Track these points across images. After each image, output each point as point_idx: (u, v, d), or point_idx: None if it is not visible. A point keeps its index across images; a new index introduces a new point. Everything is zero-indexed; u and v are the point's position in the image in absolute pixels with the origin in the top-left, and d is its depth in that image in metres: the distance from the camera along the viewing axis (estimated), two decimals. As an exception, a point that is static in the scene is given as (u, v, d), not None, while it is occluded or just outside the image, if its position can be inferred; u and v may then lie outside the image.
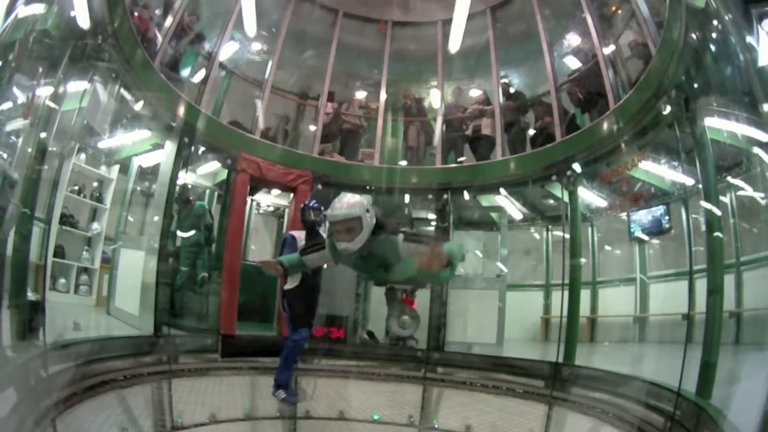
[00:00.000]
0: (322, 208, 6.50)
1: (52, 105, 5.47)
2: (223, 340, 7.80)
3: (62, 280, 7.63)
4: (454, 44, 9.44)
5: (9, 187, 4.41)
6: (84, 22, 5.85)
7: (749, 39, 4.31)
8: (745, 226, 6.82)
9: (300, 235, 6.55)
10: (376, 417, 6.30)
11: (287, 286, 6.41)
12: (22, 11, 4.89)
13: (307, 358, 7.89)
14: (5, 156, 4.79)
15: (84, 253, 8.12)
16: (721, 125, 5.65)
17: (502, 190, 9.42)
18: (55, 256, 7.20)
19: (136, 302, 7.45)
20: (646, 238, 9.02)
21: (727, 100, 5.40)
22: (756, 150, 5.13)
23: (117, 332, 6.97)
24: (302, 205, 6.71)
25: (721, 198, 6.47)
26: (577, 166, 8.12)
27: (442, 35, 10.14)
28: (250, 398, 6.64)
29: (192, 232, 8.68)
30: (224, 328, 7.91)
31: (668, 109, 6.54)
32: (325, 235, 6.28)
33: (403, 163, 10.25)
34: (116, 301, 7.89)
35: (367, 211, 3.81)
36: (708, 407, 4.80)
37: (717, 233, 5.87)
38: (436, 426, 6.48)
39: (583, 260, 8.35)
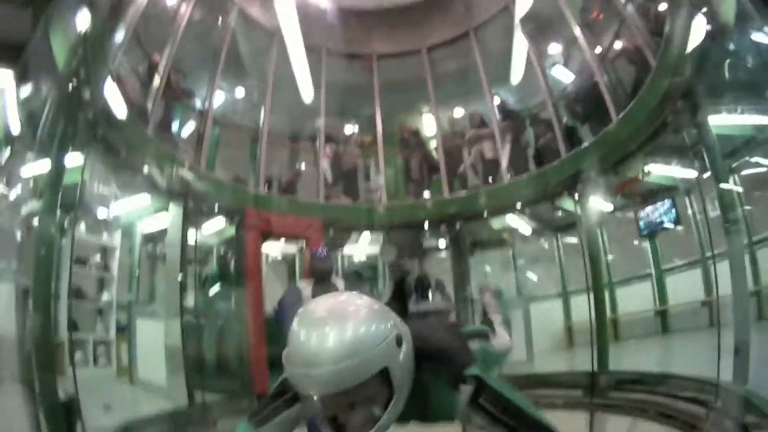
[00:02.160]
0: (332, 254, 6.52)
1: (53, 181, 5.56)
2: (258, 399, 7.45)
3: (79, 355, 7.34)
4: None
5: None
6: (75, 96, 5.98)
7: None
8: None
9: (305, 287, 5.98)
10: None
11: None
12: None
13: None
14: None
15: (97, 324, 7.99)
16: (727, 120, 5.99)
17: (513, 210, 9.60)
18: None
19: (162, 371, 7.47)
20: (657, 232, 9.19)
21: (733, 97, 5.71)
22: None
23: (149, 406, 6.93)
24: (314, 253, 6.35)
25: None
26: (586, 180, 8.26)
27: (429, 63, 10.29)
28: None
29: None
30: (258, 387, 7.75)
31: (674, 115, 6.76)
32: (338, 283, 6.30)
33: (410, 197, 10.28)
34: (140, 371, 7.77)
35: (398, 341, 1.62)
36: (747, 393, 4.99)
37: (733, 215, 6.03)
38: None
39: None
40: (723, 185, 6.23)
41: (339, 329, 1.49)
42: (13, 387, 4.73)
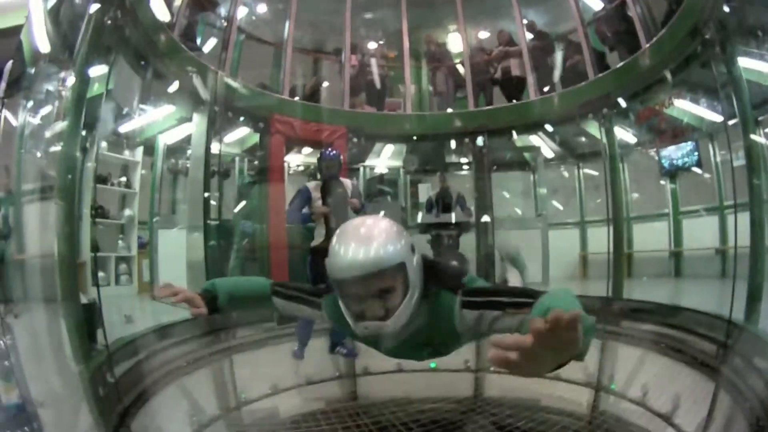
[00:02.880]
0: (342, 156, 6.51)
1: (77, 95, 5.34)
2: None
3: (101, 274, 7.42)
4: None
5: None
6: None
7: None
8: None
9: (315, 188, 6.23)
10: (432, 366, 6.59)
11: (314, 243, 6.11)
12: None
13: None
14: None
15: (119, 242, 8.15)
16: (758, 65, 5.90)
17: (537, 129, 9.68)
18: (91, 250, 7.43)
19: (183, 283, 7.17)
20: (676, 172, 9.33)
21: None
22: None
23: (168, 318, 6.79)
24: (322, 153, 6.44)
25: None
26: (612, 104, 8.29)
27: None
28: (310, 362, 6.57)
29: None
30: None
31: (703, 48, 6.68)
32: (347, 186, 6.36)
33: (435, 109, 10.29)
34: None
35: (413, 249, 2.19)
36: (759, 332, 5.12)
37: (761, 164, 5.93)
38: (491, 369, 6.78)
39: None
40: (751, 136, 6.10)
41: (371, 236, 2.06)
42: (38, 306, 4.87)
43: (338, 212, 6.09)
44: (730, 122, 6.68)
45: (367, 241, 2.05)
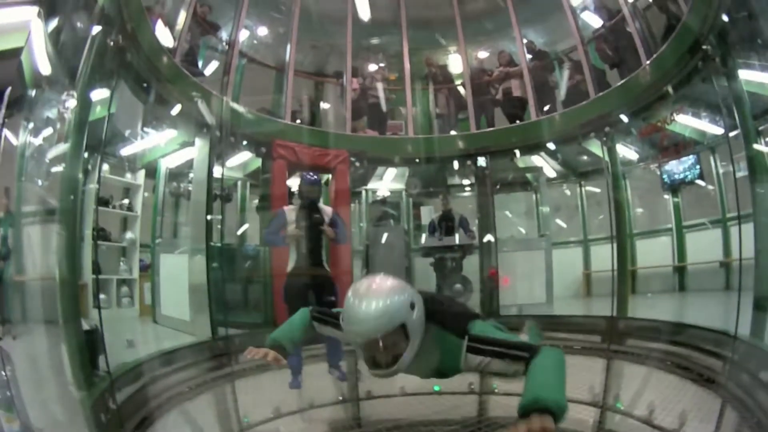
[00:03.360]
0: (320, 180, 6.60)
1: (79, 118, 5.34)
2: None
3: (103, 296, 7.41)
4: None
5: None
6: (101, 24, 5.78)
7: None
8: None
9: (291, 211, 6.22)
10: (436, 389, 6.53)
11: (287, 269, 6.11)
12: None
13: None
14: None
15: (121, 264, 8.16)
16: (760, 78, 5.92)
17: (539, 149, 9.65)
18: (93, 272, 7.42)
19: (186, 307, 7.55)
20: (678, 187, 9.31)
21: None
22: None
23: (171, 342, 6.98)
24: (302, 177, 6.48)
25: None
26: (614, 123, 8.30)
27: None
28: (312, 386, 6.45)
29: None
30: (280, 320, 7.72)
31: (704, 63, 6.68)
32: (326, 212, 6.39)
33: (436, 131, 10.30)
34: (162, 309, 7.90)
35: (412, 306, 2.59)
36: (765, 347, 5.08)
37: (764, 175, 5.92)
38: (496, 391, 6.73)
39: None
40: (754, 146, 6.10)
41: (375, 302, 2.48)
42: (38, 328, 4.84)
43: (312, 238, 6.11)
44: (732, 134, 6.70)
45: (368, 309, 2.49)
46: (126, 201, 8.35)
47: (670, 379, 5.89)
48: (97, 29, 5.57)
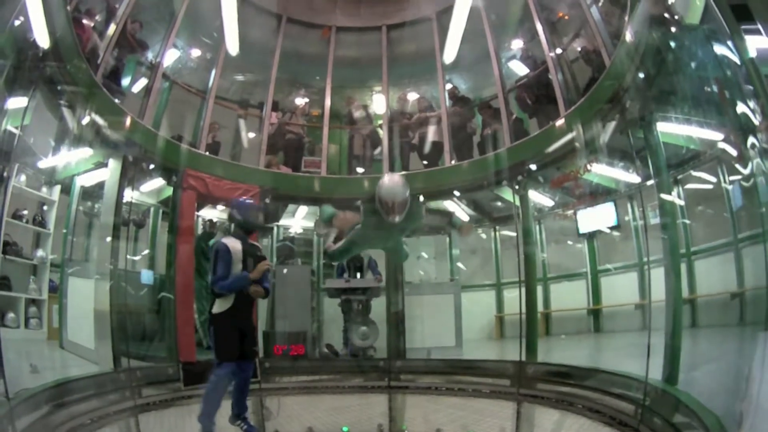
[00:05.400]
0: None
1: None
2: (183, 368, 7.43)
3: (11, 315, 7.19)
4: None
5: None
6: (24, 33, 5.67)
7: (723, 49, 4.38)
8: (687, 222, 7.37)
9: (234, 245, 5.31)
10: (345, 430, 6.37)
11: (216, 309, 5.31)
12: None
13: (269, 378, 7.95)
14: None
15: (31, 282, 7.70)
16: (674, 129, 6.13)
17: (452, 195, 9.61)
18: (1, 289, 7.02)
19: (91, 334, 7.21)
20: (594, 233, 9.59)
21: (684, 106, 5.82)
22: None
23: (76, 371, 6.62)
24: (243, 203, 5.89)
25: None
26: (527, 171, 8.38)
27: (387, 40, 10.34)
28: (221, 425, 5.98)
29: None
30: (183, 356, 7.65)
31: (621, 116, 6.85)
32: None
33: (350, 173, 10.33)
34: (69, 334, 7.53)
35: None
36: (677, 393, 5.14)
37: (676, 223, 6.23)
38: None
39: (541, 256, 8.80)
40: (664, 195, 6.35)
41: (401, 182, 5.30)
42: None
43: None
44: (648, 183, 6.92)
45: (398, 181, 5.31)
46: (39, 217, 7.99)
47: (582, 421, 5.89)
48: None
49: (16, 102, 5.73)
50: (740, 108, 3.97)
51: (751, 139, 3.81)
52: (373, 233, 5.57)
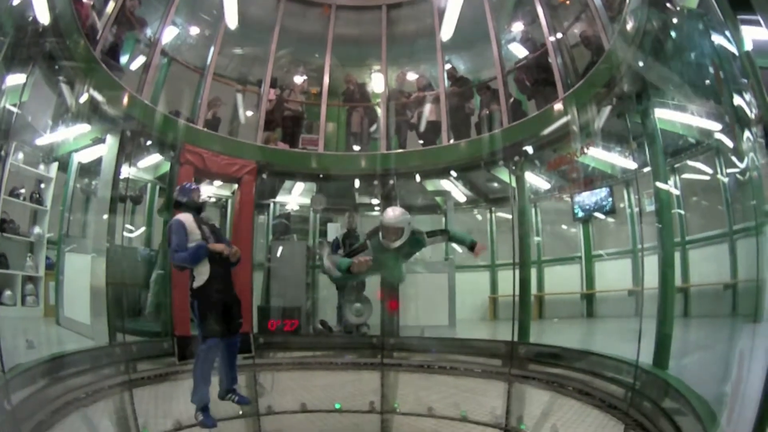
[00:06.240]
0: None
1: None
2: (178, 342, 7.45)
3: (8, 292, 7.14)
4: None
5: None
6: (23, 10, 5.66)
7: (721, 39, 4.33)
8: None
9: (188, 220, 5.44)
10: (337, 406, 6.43)
11: (195, 284, 5.36)
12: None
13: (263, 353, 8.00)
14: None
15: (27, 260, 7.66)
16: (672, 117, 6.10)
17: (448, 174, 9.68)
18: (-2, 266, 7.04)
19: (87, 310, 7.17)
20: (589, 218, 9.60)
21: (681, 94, 5.78)
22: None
23: (72, 346, 6.61)
24: (185, 187, 5.80)
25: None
26: (524, 152, 8.38)
27: (386, 20, 10.24)
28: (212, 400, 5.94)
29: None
30: (179, 330, 7.60)
31: (619, 100, 6.83)
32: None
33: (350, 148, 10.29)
34: (65, 310, 7.47)
35: (409, 222, 5.44)
36: (667, 377, 5.22)
37: (671, 212, 6.26)
38: (398, 410, 6.66)
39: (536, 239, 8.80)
40: (660, 184, 6.36)
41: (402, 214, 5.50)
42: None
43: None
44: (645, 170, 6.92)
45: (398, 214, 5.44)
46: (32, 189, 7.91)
47: (571, 403, 5.94)
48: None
49: (15, 79, 5.68)
50: (736, 100, 3.93)
51: (746, 133, 3.79)
52: (379, 265, 5.65)
